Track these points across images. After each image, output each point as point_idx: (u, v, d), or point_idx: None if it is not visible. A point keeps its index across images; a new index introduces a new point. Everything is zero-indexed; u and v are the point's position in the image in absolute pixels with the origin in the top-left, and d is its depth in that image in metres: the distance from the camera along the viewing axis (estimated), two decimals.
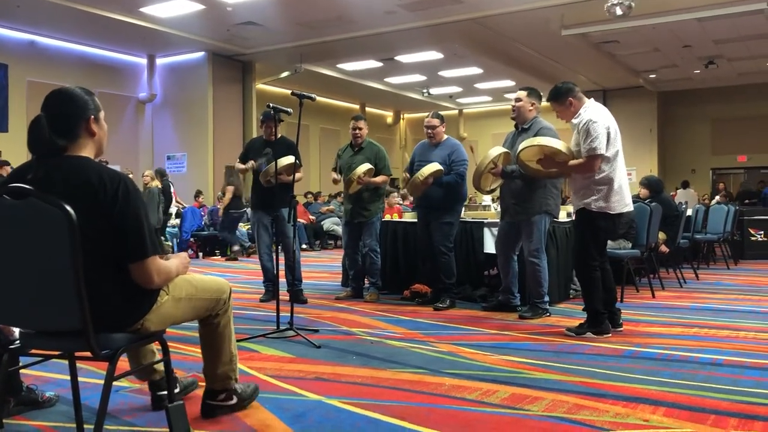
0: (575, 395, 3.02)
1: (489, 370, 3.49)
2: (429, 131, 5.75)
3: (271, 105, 4.70)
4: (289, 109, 4.62)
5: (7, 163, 8.71)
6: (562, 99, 4.44)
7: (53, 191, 1.99)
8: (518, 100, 5.16)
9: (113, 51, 14.43)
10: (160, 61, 15.24)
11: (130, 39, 13.38)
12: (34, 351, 2.25)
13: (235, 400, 2.72)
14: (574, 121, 4.39)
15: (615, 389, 3.12)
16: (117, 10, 11.60)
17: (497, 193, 5.64)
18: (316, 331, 4.59)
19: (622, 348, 4.04)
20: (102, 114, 2.28)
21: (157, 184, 10.62)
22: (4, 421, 2.46)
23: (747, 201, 13.10)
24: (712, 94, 19.06)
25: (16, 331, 2.55)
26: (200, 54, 14.61)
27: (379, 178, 5.99)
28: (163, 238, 11.09)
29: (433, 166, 5.45)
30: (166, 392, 2.77)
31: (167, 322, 2.34)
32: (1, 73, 12.46)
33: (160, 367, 2.78)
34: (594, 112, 4.32)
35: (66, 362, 2.41)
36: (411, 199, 13.67)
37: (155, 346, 2.73)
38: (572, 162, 4.38)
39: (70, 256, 1.96)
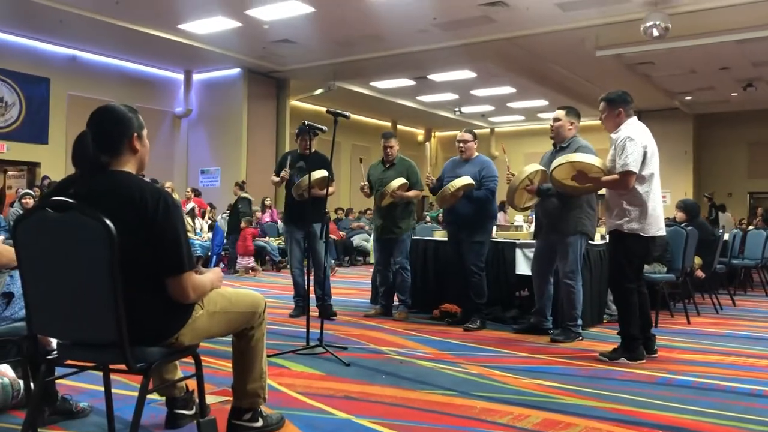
0: (608, 422, 2.96)
1: (520, 394, 3.45)
2: (461, 146, 5.73)
3: (306, 123, 4.74)
4: (324, 127, 4.65)
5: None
6: (614, 105, 4.40)
7: (95, 205, 2.03)
8: (557, 119, 5.11)
9: (151, 66, 14.75)
10: (196, 77, 15.52)
11: (168, 55, 13.67)
12: (69, 362, 2.28)
13: (260, 423, 2.68)
14: (613, 136, 4.35)
15: (649, 417, 3.05)
16: (156, 26, 11.86)
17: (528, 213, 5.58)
18: (345, 348, 4.58)
19: (657, 375, 3.95)
20: (145, 131, 2.33)
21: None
22: (39, 430, 2.49)
23: None
24: (749, 117, 18.71)
25: (54, 341, 2.60)
26: (236, 70, 14.85)
27: (412, 193, 5.98)
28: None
29: (464, 179, 5.43)
30: (183, 410, 2.78)
31: (201, 336, 2.35)
32: (44, 87, 12.84)
33: (182, 384, 2.80)
34: (634, 130, 4.28)
35: (100, 373, 2.44)
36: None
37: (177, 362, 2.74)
38: (606, 177, 4.34)
39: (108, 270, 1.99)
